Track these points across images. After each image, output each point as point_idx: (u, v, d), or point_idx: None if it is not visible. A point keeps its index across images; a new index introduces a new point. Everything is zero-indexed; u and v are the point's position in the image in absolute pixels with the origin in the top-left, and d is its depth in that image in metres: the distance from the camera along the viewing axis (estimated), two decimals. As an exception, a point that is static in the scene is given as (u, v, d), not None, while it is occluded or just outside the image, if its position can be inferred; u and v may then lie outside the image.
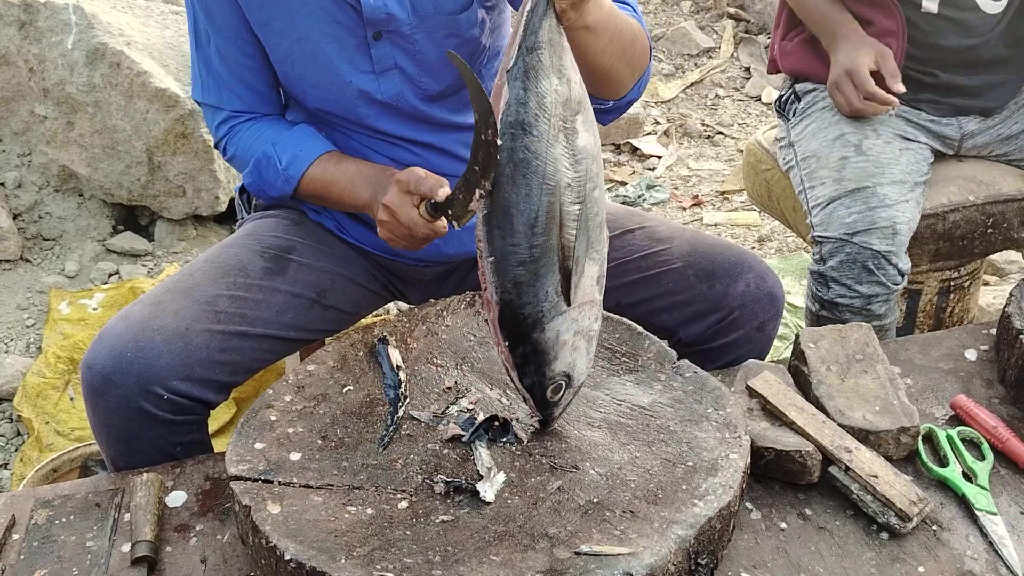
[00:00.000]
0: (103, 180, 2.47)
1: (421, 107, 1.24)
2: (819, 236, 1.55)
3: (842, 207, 1.53)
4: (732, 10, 4.36)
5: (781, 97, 1.80)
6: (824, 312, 1.56)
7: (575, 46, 0.98)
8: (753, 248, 2.82)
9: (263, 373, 1.80)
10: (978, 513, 1.04)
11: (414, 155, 1.28)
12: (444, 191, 1.07)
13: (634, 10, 1.21)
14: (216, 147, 1.33)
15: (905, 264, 1.53)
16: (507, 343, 0.98)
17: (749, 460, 1.01)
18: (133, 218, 2.64)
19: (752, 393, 1.15)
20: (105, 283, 2.40)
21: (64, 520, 1.07)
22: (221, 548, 1.03)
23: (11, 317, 2.28)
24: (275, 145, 1.26)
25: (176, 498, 1.10)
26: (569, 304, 0.97)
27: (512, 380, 1.02)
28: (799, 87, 1.75)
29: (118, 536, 1.05)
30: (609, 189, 3.20)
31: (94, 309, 2.21)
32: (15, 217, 2.47)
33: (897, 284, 1.52)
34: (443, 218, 1.06)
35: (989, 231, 1.66)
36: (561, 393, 1.02)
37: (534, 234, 0.92)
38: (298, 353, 1.49)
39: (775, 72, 1.84)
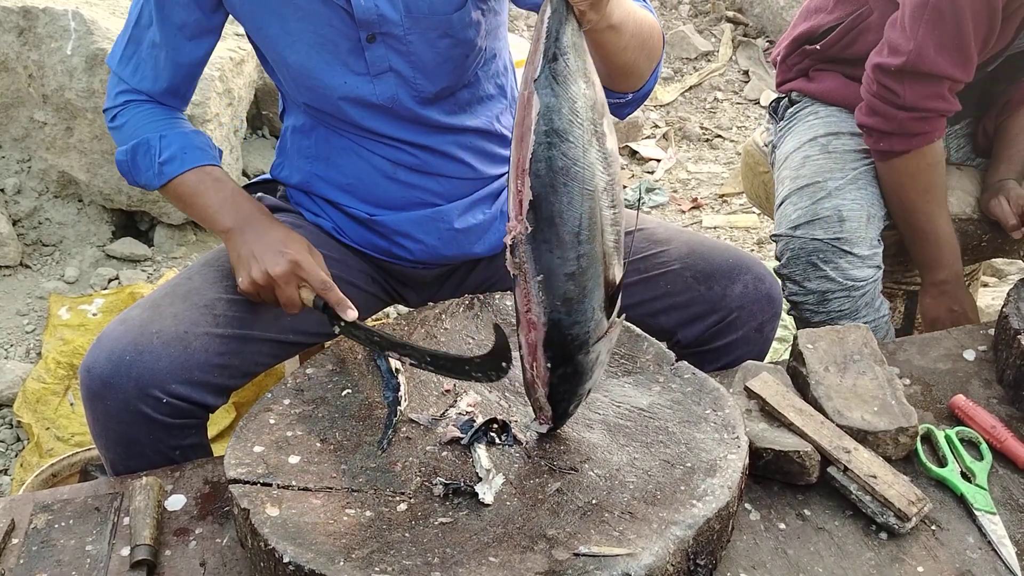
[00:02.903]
0: (102, 186, 2.48)
1: (417, 109, 1.25)
2: (773, 236, 1.56)
3: (790, 204, 1.53)
4: (730, 14, 4.37)
5: (772, 102, 1.81)
6: (793, 312, 1.56)
7: (598, 46, 0.98)
8: (752, 251, 2.82)
9: (263, 377, 1.80)
10: (977, 513, 1.04)
11: (411, 156, 1.28)
12: (353, 314, 1.14)
13: (646, 2, 1.22)
14: (104, 111, 1.33)
15: (867, 252, 1.48)
16: (549, 364, 0.96)
17: (748, 461, 1.01)
18: (133, 223, 2.64)
19: (751, 394, 1.15)
20: (105, 288, 2.40)
21: (63, 524, 1.07)
22: (220, 551, 1.03)
23: (11, 323, 2.29)
24: (162, 138, 1.26)
25: (175, 502, 1.10)
26: (609, 320, 0.96)
27: (534, 395, 1.01)
28: (795, 93, 1.76)
29: (117, 540, 1.05)
30: (608, 192, 3.20)
31: (94, 314, 2.21)
32: (15, 223, 2.48)
33: (856, 280, 1.47)
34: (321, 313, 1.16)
35: (983, 244, 1.66)
36: (578, 405, 1.03)
37: (579, 242, 0.91)
38: (297, 357, 1.49)
39: (778, 86, 1.82)
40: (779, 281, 1.35)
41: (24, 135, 2.50)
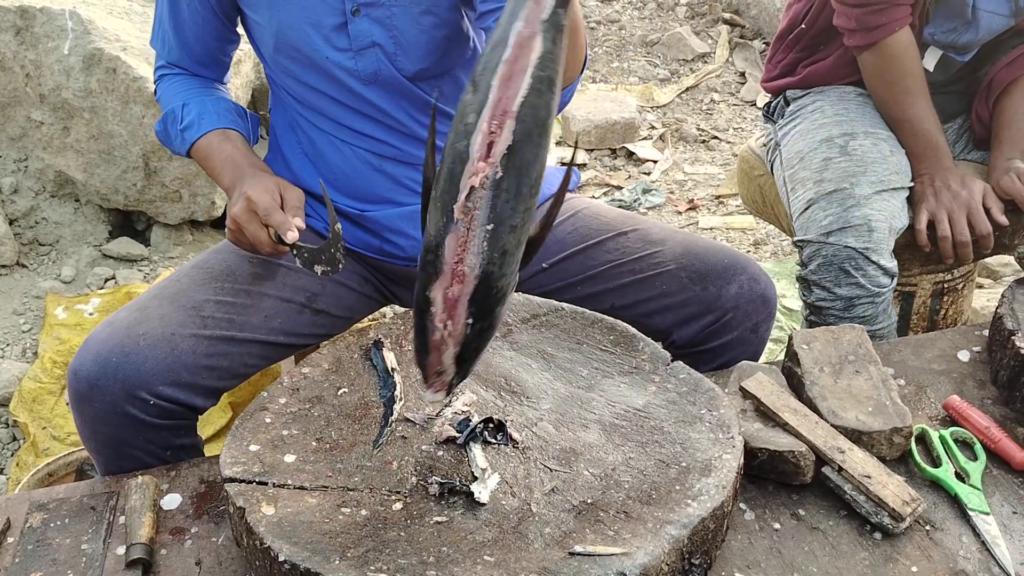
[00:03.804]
0: (99, 185, 2.47)
1: (399, 84, 1.25)
2: (799, 240, 1.55)
3: (819, 209, 1.52)
4: (727, 15, 4.38)
5: (770, 103, 1.81)
6: (812, 317, 1.56)
7: None
8: (748, 252, 2.83)
9: (259, 377, 1.81)
10: (971, 513, 1.04)
11: (393, 148, 1.28)
12: (292, 235, 1.15)
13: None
14: (153, 83, 1.41)
15: (889, 263, 1.50)
16: (470, 320, 0.88)
17: (743, 460, 1.01)
18: (129, 223, 2.64)
19: (745, 394, 1.15)
20: (101, 288, 2.40)
21: (59, 523, 1.07)
22: (216, 550, 1.03)
23: (7, 322, 2.28)
24: (184, 106, 1.32)
25: (171, 501, 1.10)
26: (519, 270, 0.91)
27: (438, 356, 0.91)
28: (789, 93, 1.76)
29: (113, 539, 1.05)
30: (605, 193, 3.21)
31: (90, 314, 2.21)
32: (11, 222, 2.47)
33: (881, 287, 1.50)
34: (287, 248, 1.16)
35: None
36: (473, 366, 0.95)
37: (530, 195, 0.87)
38: (293, 357, 1.49)
39: (770, 85, 1.83)
40: (774, 282, 1.36)
41: (21, 134, 2.50)
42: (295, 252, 1.19)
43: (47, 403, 1.97)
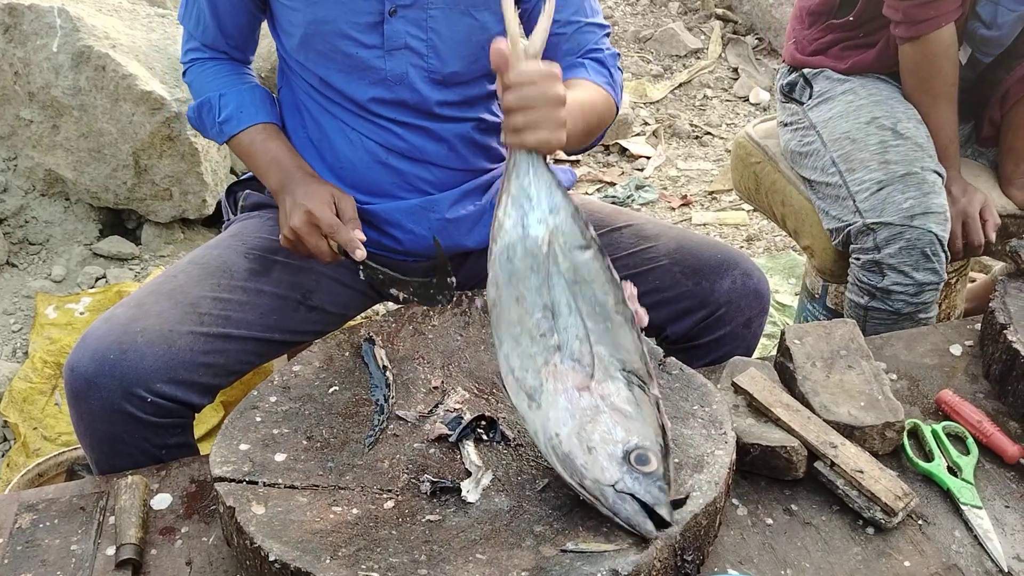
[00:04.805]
0: (89, 184, 2.46)
1: (424, 91, 1.25)
2: (873, 223, 1.51)
3: (896, 192, 1.50)
4: (720, 11, 4.38)
5: (785, 83, 1.77)
6: (875, 303, 1.53)
7: None
8: (741, 247, 2.83)
9: (251, 375, 1.79)
10: (963, 507, 1.04)
11: (403, 141, 1.28)
12: (361, 254, 1.16)
13: (609, 73, 1.27)
14: (183, 74, 1.39)
15: (948, 256, 1.51)
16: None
17: (735, 456, 1.01)
18: (120, 222, 2.63)
19: (738, 390, 1.15)
20: (92, 287, 2.38)
21: (48, 524, 1.06)
22: (207, 550, 1.02)
23: (-3, 322, 2.27)
24: (221, 96, 1.31)
25: (161, 500, 1.09)
26: None
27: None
28: (807, 72, 1.73)
29: (103, 539, 1.04)
30: (598, 190, 3.21)
31: (81, 313, 2.19)
32: (1, 222, 2.46)
33: (944, 276, 1.51)
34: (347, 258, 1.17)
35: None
36: None
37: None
38: (286, 355, 1.48)
39: (799, 61, 1.78)
40: (768, 278, 1.35)
41: (10, 133, 2.48)
42: (362, 268, 1.20)
43: (38, 403, 1.96)
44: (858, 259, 1.55)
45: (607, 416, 0.92)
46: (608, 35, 1.32)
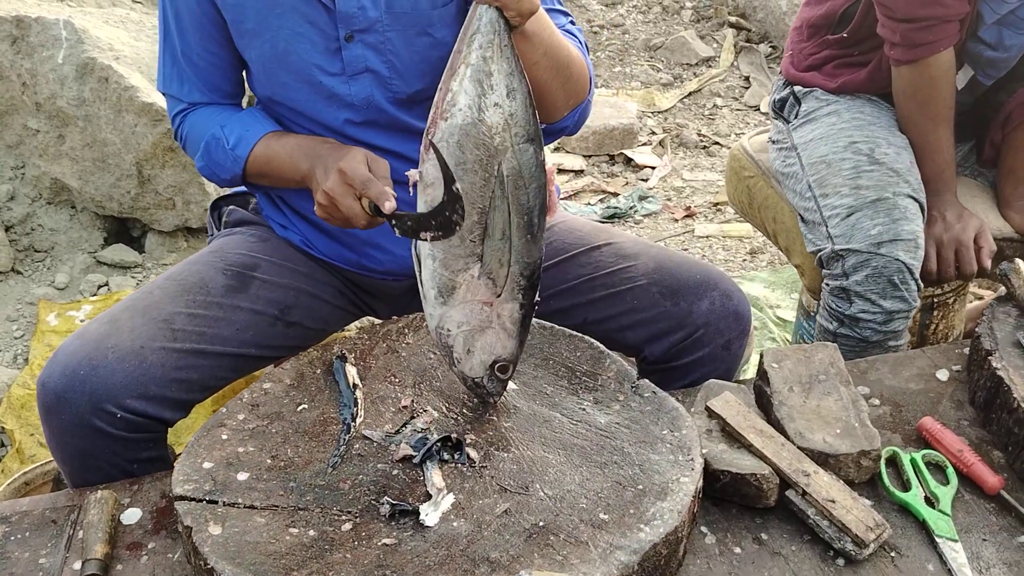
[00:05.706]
0: (94, 193, 2.49)
1: (391, 111, 1.24)
2: (841, 249, 1.48)
3: (865, 218, 1.47)
4: (733, 19, 4.34)
5: (777, 99, 1.75)
6: (843, 330, 1.50)
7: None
8: (744, 261, 2.79)
9: (244, 382, 1.80)
10: (938, 539, 1.02)
11: (380, 151, 1.27)
12: (391, 204, 1.08)
13: (580, 43, 1.23)
14: (175, 137, 1.36)
15: (920, 284, 1.48)
16: None
17: (701, 484, 0.99)
18: (125, 230, 2.66)
19: (711, 414, 1.13)
20: (94, 295, 2.41)
21: (20, 536, 1.07)
22: (171, 567, 1.03)
23: (0, 329, 2.30)
24: (223, 127, 1.27)
25: (131, 515, 1.10)
26: None
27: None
28: (798, 90, 1.71)
29: (71, 554, 1.04)
30: (601, 200, 3.19)
31: (82, 321, 2.22)
32: (7, 229, 2.50)
33: (916, 303, 1.48)
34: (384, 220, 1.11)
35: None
36: None
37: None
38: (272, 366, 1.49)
39: (796, 75, 1.76)
40: (748, 299, 1.33)
41: (18, 142, 2.52)
42: (395, 222, 1.09)
43: (35, 410, 1.98)
44: (827, 285, 1.52)
45: (493, 332, 1.05)
46: (573, 23, 1.29)
